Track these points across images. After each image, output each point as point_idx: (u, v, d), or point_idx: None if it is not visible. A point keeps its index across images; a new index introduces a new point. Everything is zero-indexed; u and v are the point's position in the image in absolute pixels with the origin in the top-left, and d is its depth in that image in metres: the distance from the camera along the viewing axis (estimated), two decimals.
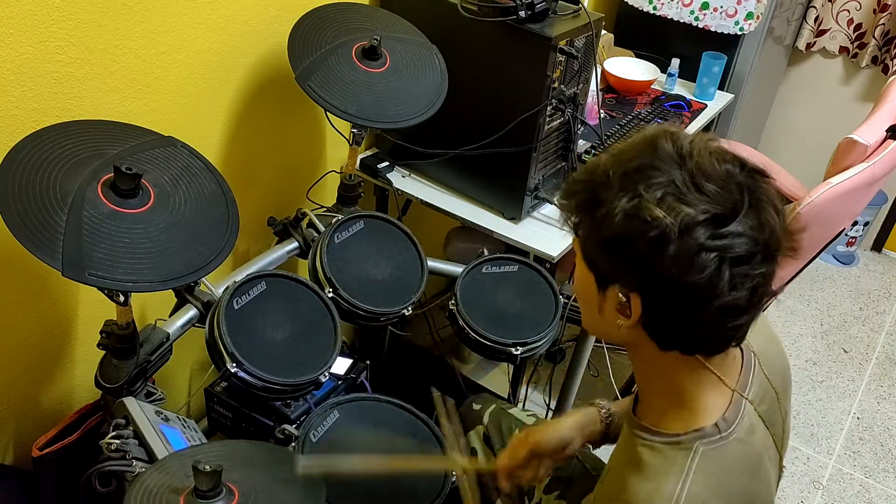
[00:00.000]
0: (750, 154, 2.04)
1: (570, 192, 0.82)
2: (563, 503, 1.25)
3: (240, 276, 1.31)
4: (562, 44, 1.48)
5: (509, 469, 1.14)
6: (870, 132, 1.67)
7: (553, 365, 2.26)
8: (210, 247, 1.12)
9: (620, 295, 0.79)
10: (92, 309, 1.42)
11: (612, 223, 0.75)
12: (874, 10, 2.74)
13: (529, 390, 2.28)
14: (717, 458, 0.82)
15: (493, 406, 1.40)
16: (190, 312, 1.31)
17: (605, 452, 1.05)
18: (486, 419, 1.37)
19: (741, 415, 0.85)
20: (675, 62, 2.34)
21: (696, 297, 0.74)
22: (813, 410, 2.39)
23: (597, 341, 1.84)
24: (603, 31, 2.23)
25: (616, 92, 2.34)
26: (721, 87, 2.41)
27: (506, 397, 1.87)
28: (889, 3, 2.66)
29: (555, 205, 1.73)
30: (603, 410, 1.16)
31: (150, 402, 1.25)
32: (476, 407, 1.41)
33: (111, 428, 1.15)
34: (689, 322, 0.77)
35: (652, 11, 2.40)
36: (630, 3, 2.45)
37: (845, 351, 2.65)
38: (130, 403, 1.18)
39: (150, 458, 1.12)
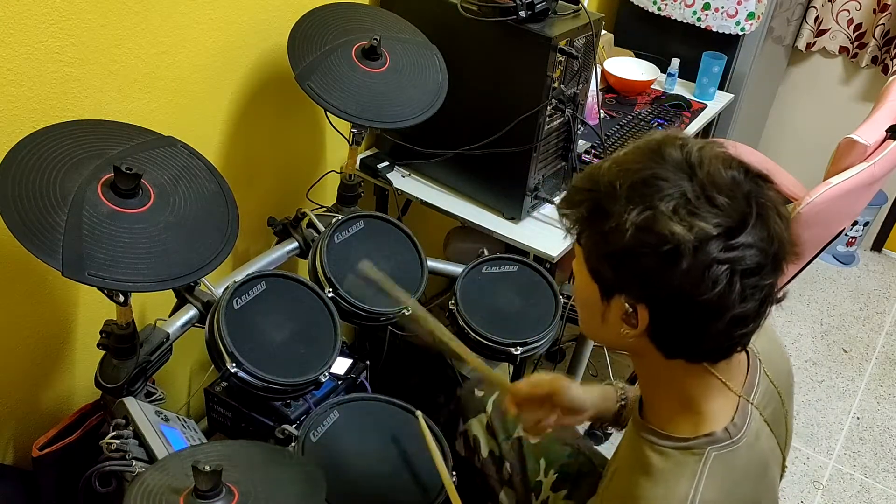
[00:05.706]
0: (750, 153, 2.05)
1: (573, 201, 0.80)
2: (571, 503, 1.25)
3: (240, 276, 1.31)
4: (562, 44, 1.48)
5: (523, 396, 1.09)
6: (870, 132, 1.67)
7: (553, 365, 2.25)
8: (210, 247, 1.12)
9: (626, 305, 0.78)
10: (92, 309, 1.42)
11: (623, 236, 0.73)
12: (874, 10, 2.73)
13: None
14: (728, 463, 0.81)
15: (497, 393, 1.35)
16: (190, 312, 1.31)
17: (610, 450, 1.05)
18: (489, 407, 1.34)
19: (748, 420, 0.85)
20: (675, 62, 2.34)
21: (707, 310, 0.73)
22: (813, 410, 2.39)
23: None
24: (603, 31, 2.23)
25: (616, 92, 2.34)
26: (721, 87, 2.41)
27: None
28: (889, 3, 2.66)
29: (555, 205, 1.73)
30: (620, 391, 1.15)
31: (150, 402, 1.25)
32: (479, 393, 1.37)
33: (111, 428, 1.15)
34: (697, 333, 0.76)
35: (656, 12, 2.40)
36: (634, 3, 2.45)
37: (845, 351, 2.65)
38: (130, 403, 1.18)
39: (150, 458, 1.12)
